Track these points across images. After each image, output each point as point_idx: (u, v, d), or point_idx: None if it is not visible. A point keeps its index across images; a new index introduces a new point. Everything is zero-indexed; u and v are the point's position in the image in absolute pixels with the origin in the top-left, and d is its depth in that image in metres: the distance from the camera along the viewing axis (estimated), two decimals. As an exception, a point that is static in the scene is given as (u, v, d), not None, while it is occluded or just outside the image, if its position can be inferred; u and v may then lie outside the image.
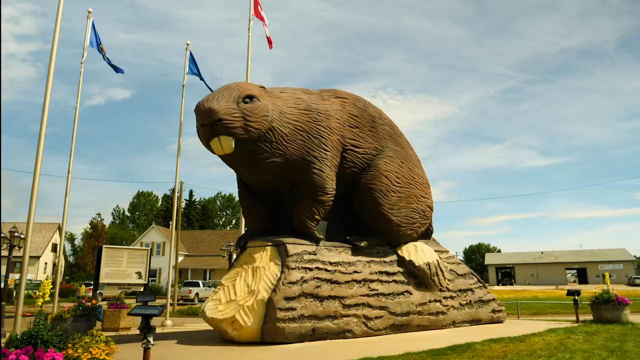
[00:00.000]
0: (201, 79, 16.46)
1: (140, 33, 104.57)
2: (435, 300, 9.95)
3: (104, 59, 15.45)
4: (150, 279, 20.17)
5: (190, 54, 16.38)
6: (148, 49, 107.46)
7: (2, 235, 13.85)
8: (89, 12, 14.71)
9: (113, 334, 10.59)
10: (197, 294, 32.52)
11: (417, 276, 9.96)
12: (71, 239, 74.66)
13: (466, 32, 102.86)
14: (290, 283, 8.31)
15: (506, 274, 74.00)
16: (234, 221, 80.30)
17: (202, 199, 78.08)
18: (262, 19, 15.87)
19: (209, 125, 8.03)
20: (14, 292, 24.81)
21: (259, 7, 15.79)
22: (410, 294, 9.65)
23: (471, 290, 10.80)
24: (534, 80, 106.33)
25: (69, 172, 14.04)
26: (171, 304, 19.80)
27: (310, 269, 8.68)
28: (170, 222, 46.89)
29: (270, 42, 16.41)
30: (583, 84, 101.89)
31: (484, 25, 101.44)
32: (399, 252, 10.13)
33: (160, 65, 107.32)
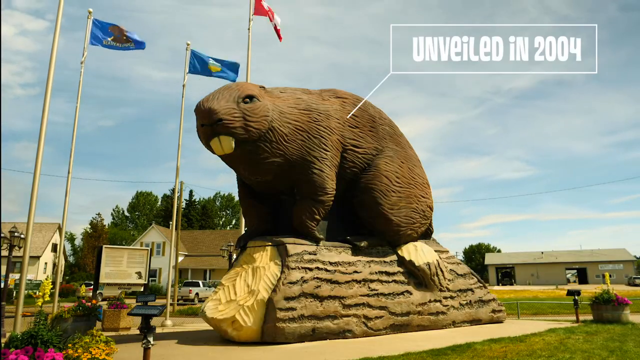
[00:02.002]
0: (208, 74, 16.21)
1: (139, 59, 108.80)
2: (435, 300, 9.95)
3: (116, 47, 14.76)
4: (150, 279, 20.16)
5: (193, 52, 16.31)
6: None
7: (2, 235, 13.85)
8: (90, 12, 14.69)
9: (113, 334, 10.58)
10: (197, 294, 32.53)
11: (417, 276, 9.96)
12: (71, 239, 74.70)
13: (454, 67, 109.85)
14: (290, 283, 8.30)
15: (506, 274, 73.97)
16: (234, 221, 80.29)
17: (201, 199, 78.16)
18: (266, 13, 15.61)
19: (209, 125, 8.02)
20: (14, 292, 24.81)
21: (263, 2, 15.59)
22: (410, 294, 9.65)
23: (471, 290, 10.80)
24: (516, 103, 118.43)
25: (69, 172, 14.05)
26: (171, 304, 19.80)
27: (310, 269, 8.68)
28: (170, 222, 46.89)
29: (279, 34, 16.09)
30: (561, 106, 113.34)
31: (471, 62, 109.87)
32: (399, 252, 10.13)
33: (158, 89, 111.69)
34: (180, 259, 38.30)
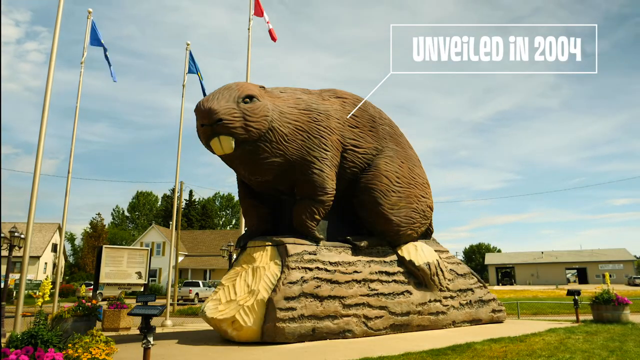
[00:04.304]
0: (199, 77, 16.48)
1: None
2: (435, 300, 9.95)
3: (105, 58, 15.54)
4: (150, 279, 20.17)
5: (190, 53, 16.40)
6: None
7: (2, 235, 13.85)
8: (89, 12, 14.70)
9: (113, 334, 10.59)
10: (197, 294, 32.54)
11: (417, 276, 9.96)
12: (71, 239, 74.70)
13: (448, 99, 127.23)
14: (290, 283, 8.30)
15: (506, 274, 74.01)
16: (234, 221, 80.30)
17: (201, 199, 78.14)
18: (261, 14, 15.62)
19: (209, 125, 8.02)
20: (14, 292, 24.82)
21: (259, 3, 15.62)
22: (410, 293, 9.65)
23: (471, 290, 10.80)
24: (502, 124, 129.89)
25: (69, 172, 14.05)
26: (171, 304, 19.81)
27: (310, 269, 8.68)
28: (170, 222, 46.90)
29: (273, 35, 16.06)
30: (541, 127, 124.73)
31: (461, 94, 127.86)
32: (399, 252, 10.13)
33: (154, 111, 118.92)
34: (180, 259, 38.31)
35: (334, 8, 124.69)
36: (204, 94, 16.08)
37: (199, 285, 33.72)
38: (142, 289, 15.28)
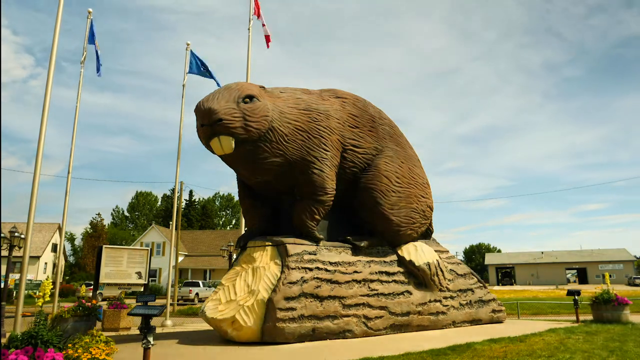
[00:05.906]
0: (209, 76, 16.40)
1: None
2: (435, 300, 9.95)
3: (96, 55, 15.48)
4: (150, 279, 20.15)
5: (192, 52, 16.38)
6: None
7: (2, 235, 13.86)
8: (89, 12, 14.71)
9: (113, 334, 10.58)
10: (197, 294, 32.54)
11: (417, 276, 9.96)
12: (71, 239, 74.73)
13: (439, 115, 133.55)
14: (290, 283, 8.30)
15: (506, 274, 74.01)
16: (234, 221, 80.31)
17: (201, 199, 78.14)
18: (259, 15, 15.68)
19: (209, 125, 8.02)
20: (14, 292, 24.83)
21: (258, 4, 15.66)
22: (410, 294, 9.65)
23: (471, 290, 10.80)
24: (495, 134, 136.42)
25: (69, 172, 14.06)
26: (171, 304, 19.80)
27: (310, 269, 8.68)
28: (170, 222, 46.90)
29: (268, 40, 16.19)
30: (529, 137, 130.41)
31: (451, 108, 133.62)
32: (399, 252, 10.13)
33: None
34: (180, 259, 38.32)
35: (340, 45, 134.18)
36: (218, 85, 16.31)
37: (199, 285, 33.72)
38: (142, 289, 15.28)
